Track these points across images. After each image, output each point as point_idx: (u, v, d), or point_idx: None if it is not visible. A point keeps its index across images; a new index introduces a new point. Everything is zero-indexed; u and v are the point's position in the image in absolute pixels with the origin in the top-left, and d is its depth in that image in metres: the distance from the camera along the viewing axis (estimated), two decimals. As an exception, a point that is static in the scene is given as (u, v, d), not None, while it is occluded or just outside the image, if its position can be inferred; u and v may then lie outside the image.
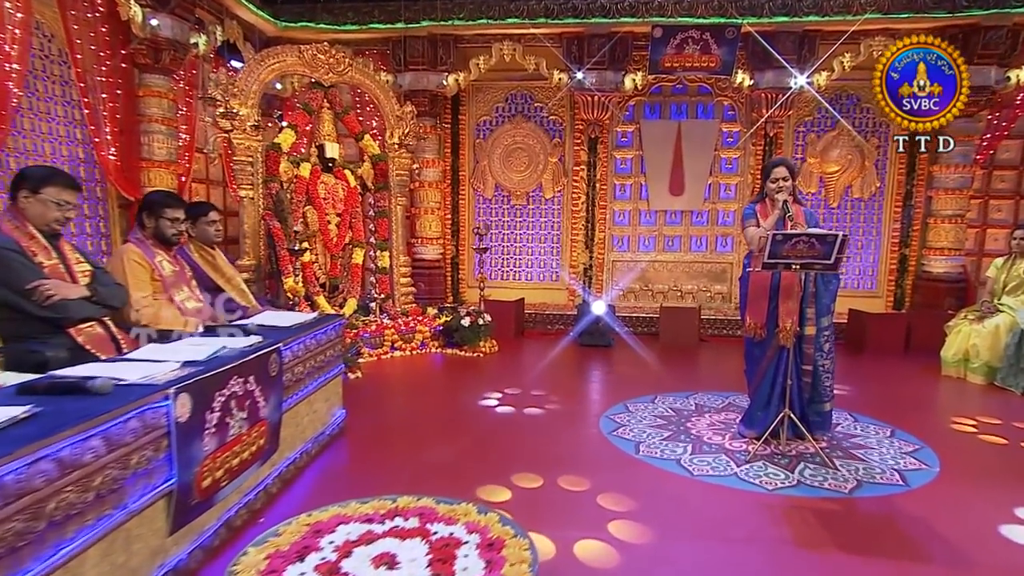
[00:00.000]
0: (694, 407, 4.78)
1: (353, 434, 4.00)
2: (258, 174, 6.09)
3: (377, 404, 4.78)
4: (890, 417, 4.56)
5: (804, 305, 3.95)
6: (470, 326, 6.61)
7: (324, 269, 6.71)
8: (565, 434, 4.12)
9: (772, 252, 3.65)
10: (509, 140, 8.37)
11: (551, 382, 5.46)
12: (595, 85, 7.65)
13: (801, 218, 4.02)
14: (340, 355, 3.97)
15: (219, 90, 5.75)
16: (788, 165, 4.00)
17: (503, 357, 6.55)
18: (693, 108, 8.22)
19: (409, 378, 5.67)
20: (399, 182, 7.28)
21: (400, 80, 7.84)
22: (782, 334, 3.89)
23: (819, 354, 3.99)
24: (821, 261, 3.63)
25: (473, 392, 5.02)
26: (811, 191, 8.22)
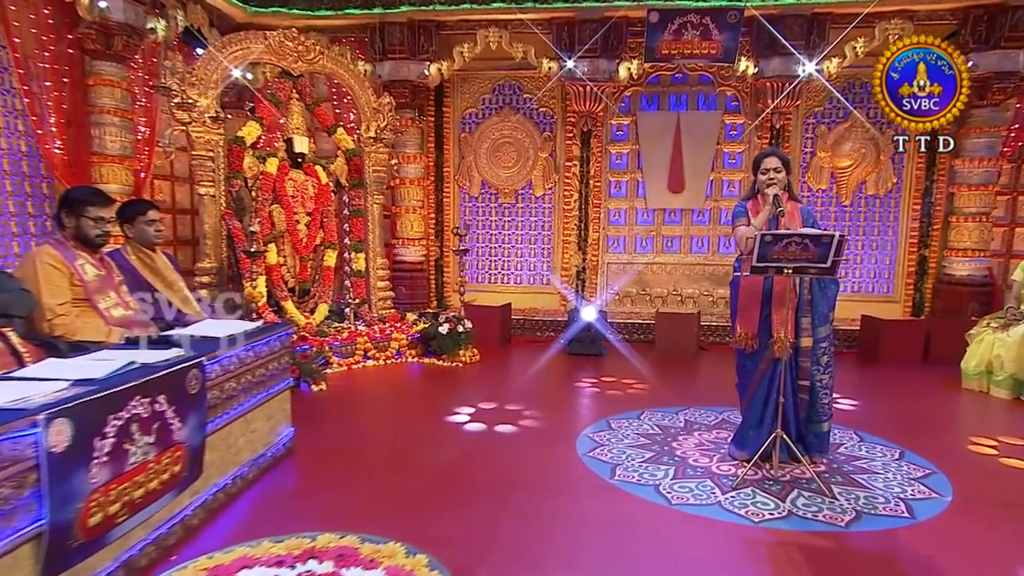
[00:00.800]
0: (683, 424, 4.56)
1: (301, 455, 3.80)
2: (219, 170, 5.92)
3: (335, 420, 4.58)
4: (900, 437, 4.32)
5: (799, 314, 3.73)
6: (448, 334, 6.40)
7: (293, 272, 6.52)
8: (535, 455, 3.90)
9: (761, 254, 3.42)
10: (496, 134, 8.17)
11: (531, 395, 5.25)
12: (587, 74, 7.43)
13: (796, 216, 3.79)
14: (287, 368, 3.77)
15: (175, 79, 5.58)
16: (780, 156, 3.78)
17: (484, 367, 6.34)
18: (694, 99, 7.99)
19: (377, 391, 5.47)
20: (376, 179, 7.09)
21: (379, 70, 7.65)
22: (776, 346, 3.66)
23: (816, 368, 3.76)
24: (816, 264, 3.40)
25: (443, 407, 4.82)
26: (822, 187, 7.97)
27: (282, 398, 3.72)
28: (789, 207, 3.81)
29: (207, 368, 2.85)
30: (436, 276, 8.37)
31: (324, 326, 6.50)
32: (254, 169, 6.19)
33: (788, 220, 3.74)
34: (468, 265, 8.43)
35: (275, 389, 3.62)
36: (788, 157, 3.87)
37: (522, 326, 7.87)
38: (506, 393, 5.33)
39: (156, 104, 6.39)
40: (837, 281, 3.81)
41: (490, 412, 4.75)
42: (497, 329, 7.33)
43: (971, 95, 7.13)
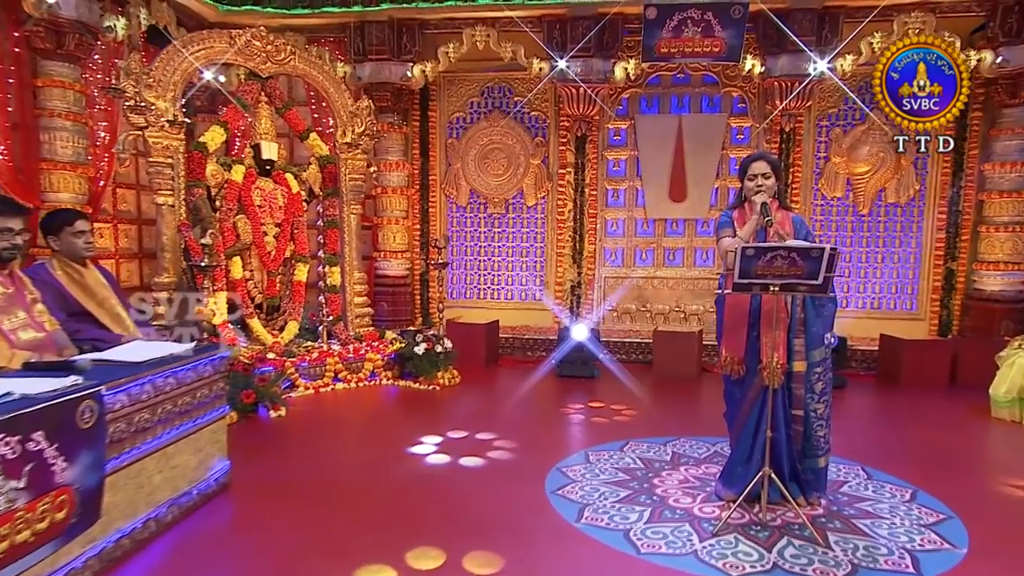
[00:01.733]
0: (670, 457, 4.29)
1: (238, 491, 3.59)
2: (179, 178, 5.77)
3: (286, 450, 4.37)
4: (915, 474, 4.02)
5: (791, 335, 3.48)
6: (426, 354, 6.19)
7: (260, 287, 6.35)
8: (498, 493, 3.65)
9: (743, 270, 3.18)
10: (485, 139, 7.98)
11: (508, 423, 5.01)
12: (580, 75, 7.24)
13: (787, 226, 3.55)
14: (221, 394, 3.57)
15: (130, 80, 5.44)
16: (769, 160, 3.54)
17: (463, 391, 6.12)
18: (697, 100, 7.76)
19: (342, 417, 5.26)
20: (353, 187, 6.92)
21: (359, 72, 7.51)
22: (766, 372, 3.40)
23: (810, 396, 3.50)
24: (807, 281, 3.15)
25: (408, 436, 4.59)
26: (837, 195, 7.69)
27: (215, 428, 3.51)
28: (779, 216, 3.57)
29: (107, 398, 2.65)
30: (421, 291, 8.17)
31: (293, 345, 6.33)
32: (218, 177, 6.04)
33: (778, 231, 3.49)
34: (456, 280, 8.24)
35: (205, 419, 3.41)
36: (778, 161, 3.63)
37: (511, 345, 7.63)
38: (480, 420, 5.11)
39: (118, 107, 6.27)
40: (835, 298, 3.56)
41: (458, 442, 4.52)
42: (482, 348, 7.10)
43: (1002, 93, 6.88)
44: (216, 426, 3.53)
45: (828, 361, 3.57)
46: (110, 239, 6.80)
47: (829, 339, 3.54)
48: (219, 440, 3.56)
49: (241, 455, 4.15)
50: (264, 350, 6.01)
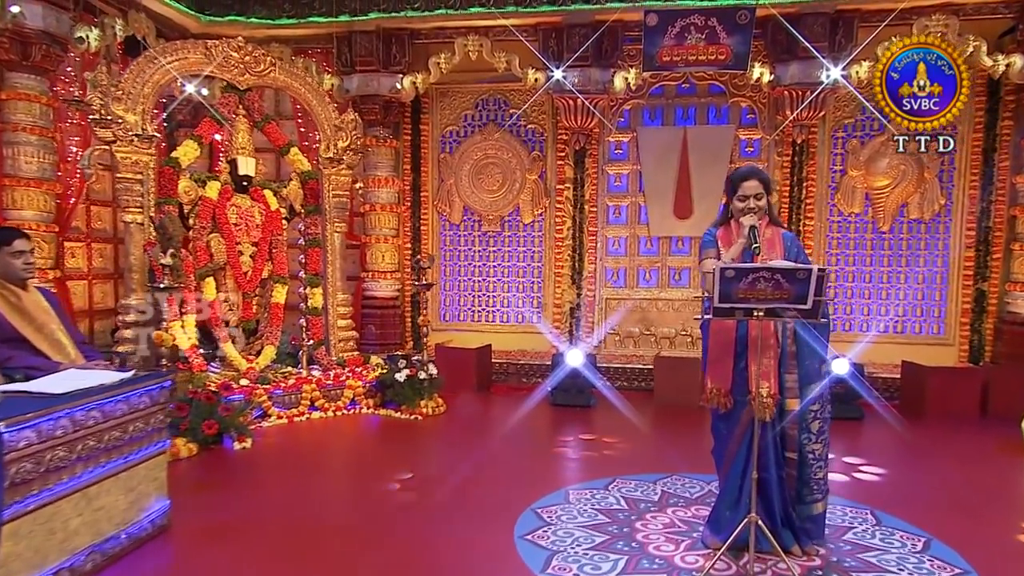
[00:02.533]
0: (658, 496, 4.05)
1: (176, 535, 3.41)
2: (149, 194, 5.69)
3: (241, 488, 4.20)
4: (931, 519, 3.73)
5: (782, 369, 3.25)
6: (408, 381, 6.00)
7: (236, 310, 6.22)
8: (461, 537, 3.44)
9: (723, 293, 2.96)
10: (480, 154, 7.86)
11: (487, 457, 4.82)
12: (578, 86, 7.09)
13: (778, 246, 3.33)
14: (160, 428, 3.41)
15: (97, 92, 5.39)
16: (762, 178, 3.34)
17: (447, 421, 5.92)
18: (703, 111, 7.58)
19: (311, 449, 5.09)
20: (336, 204, 6.81)
21: (347, 84, 7.44)
22: (756, 405, 3.18)
23: (806, 436, 3.26)
24: (794, 305, 2.93)
25: (377, 471, 4.41)
26: (855, 211, 7.43)
27: (152, 465, 3.34)
28: (769, 233, 3.36)
29: (8, 436, 2.49)
30: (412, 313, 8.00)
31: (270, 371, 6.18)
32: (191, 194, 5.95)
33: (767, 253, 3.28)
34: (448, 301, 8.09)
35: (139, 455, 3.25)
36: (769, 178, 3.43)
37: (505, 371, 7.42)
38: (458, 454, 4.93)
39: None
40: (829, 326, 3.33)
41: (430, 479, 4.33)
42: (473, 375, 6.90)
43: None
44: (154, 462, 3.36)
45: (827, 397, 3.32)
46: (83, 259, 6.74)
47: (825, 369, 3.30)
48: (157, 477, 3.39)
49: (192, 492, 4.03)
50: (236, 376, 5.87)
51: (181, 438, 4.66)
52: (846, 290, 7.50)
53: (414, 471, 4.44)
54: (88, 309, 6.80)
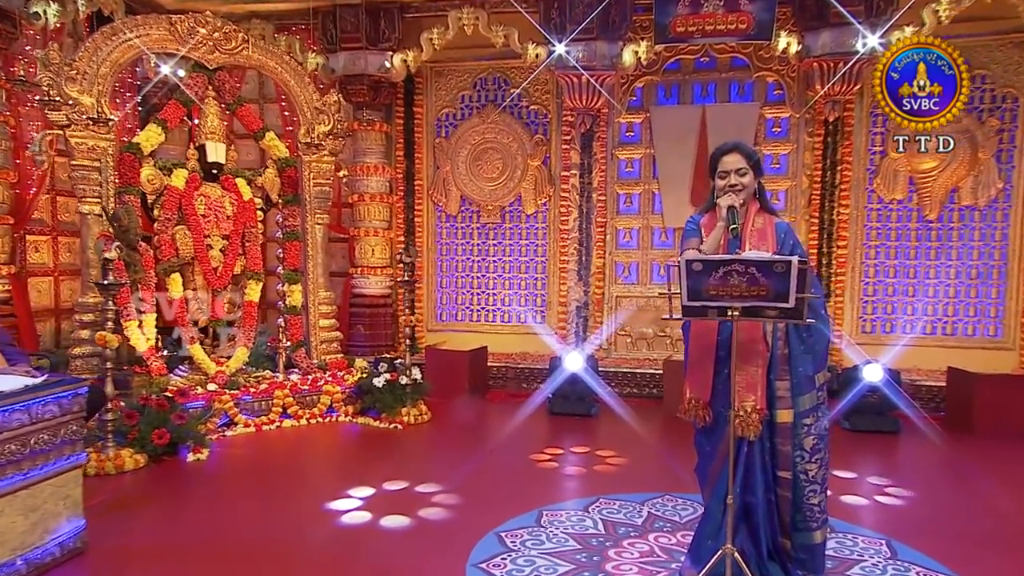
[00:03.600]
0: (642, 519, 3.78)
1: (91, 559, 3.26)
2: (108, 183, 5.59)
3: (180, 505, 4.05)
4: (959, 555, 3.39)
5: (772, 375, 2.95)
6: (387, 387, 5.81)
7: (204, 308, 6.10)
8: (409, 564, 3.23)
9: (691, 288, 2.70)
10: (478, 138, 7.64)
11: (462, 471, 4.61)
12: (583, 62, 6.81)
13: (768, 236, 3.02)
14: (74, 440, 3.25)
15: (49, 71, 5.29)
16: (744, 151, 3.04)
17: (428, 431, 5.73)
18: (724, 88, 7.24)
19: (271, 461, 4.93)
20: (318, 194, 6.66)
21: (332, 63, 7.28)
22: (739, 421, 2.90)
23: (799, 454, 2.96)
24: (775, 304, 2.64)
25: (336, 487, 4.23)
26: (897, 198, 7.01)
27: (62, 481, 3.19)
28: (760, 223, 3.06)
29: None
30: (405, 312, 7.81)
31: (242, 375, 6.06)
32: (155, 182, 5.85)
33: (757, 244, 2.99)
34: (445, 300, 7.92)
35: (44, 470, 3.09)
36: (757, 153, 3.13)
37: (504, 375, 7.19)
38: (430, 468, 4.74)
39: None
40: (827, 326, 3.03)
41: (392, 496, 4.14)
42: (465, 379, 6.69)
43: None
44: (65, 478, 3.21)
45: (822, 409, 3.02)
46: (48, 254, 6.70)
47: (822, 378, 3.00)
48: (69, 495, 3.24)
49: (124, 510, 3.92)
50: (204, 380, 5.76)
51: (128, 448, 4.53)
52: (886, 287, 7.09)
53: (376, 487, 4.25)
54: (54, 308, 6.76)
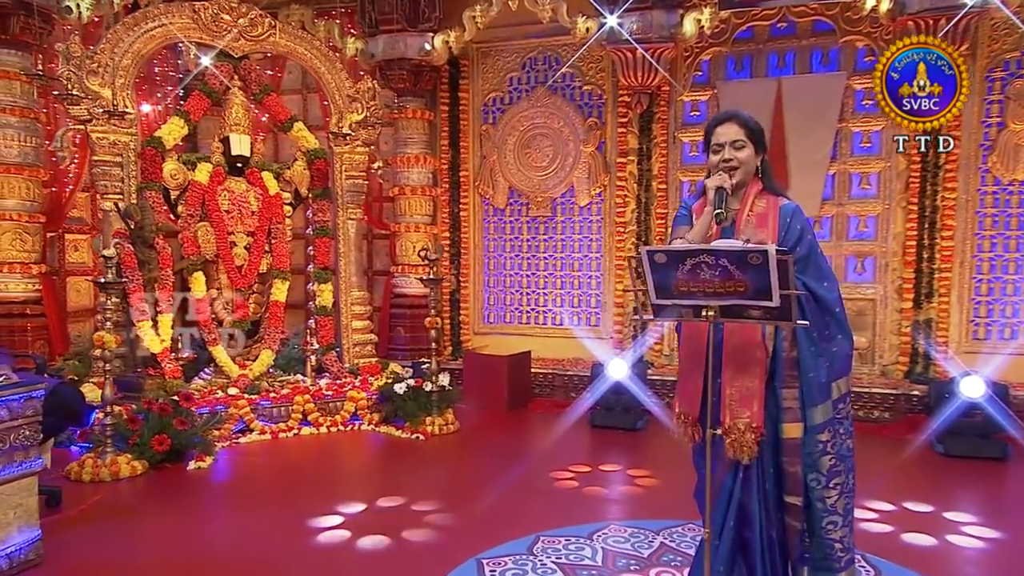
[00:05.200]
0: (651, 550, 3.51)
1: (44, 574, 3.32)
2: (129, 179, 5.80)
3: (160, 517, 4.11)
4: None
5: (777, 382, 2.64)
6: (409, 394, 5.73)
7: (229, 309, 6.23)
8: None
9: (658, 283, 2.44)
10: (526, 124, 7.47)
11: (467, 489, 4.53)
12: (637, 34, 6.52)
13: (770, 221, 2.69)
14: (27, 445, 3.31)
15: (71, 65, 5.53)
16: (743, 121, 2.71)
17: (453, 443, 5.63)
18: (804, 57, 6.75)
19: (274, 472, 4.96)
20: (351, 187, 6.69)
21: (372, 47, 7.30)
22: (731, 441, 2.61)
23: (815, 478, 2.63)
24: (758, 302, 2.34)
25: (327, 502, 4.17)
26: (1018, 178, 6.31)
27: (14, 489, 3.23)
28: (763, 205, 2.73)
29: None
30: (451, 313, 7.75)
31: (267, 379, 6.14)
32: (179, 177, 6.01)
33: (755, 231, 2.68)
34: (493, 300, 7.79)
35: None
36: (758, 124, 2.80)
37: (550, 383, 6.98)
38: (436, 483, 4.65)
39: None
40: (844, 326, 2.70)
41: (381, 514, 4.05)
42: (504, 387, 6.52)
43: None
44: (15, 486, 3.26)
45: (844, 424, 2.69)
46: (87, 253, 7.03)
47: (841, 385, 2.67)
48: (21, 504, 3.29)
49: (98, 520, 3.97)
50: (226, 384, 5.88)
51: (126, 455, 4.64)
52: (1004, 284, 6.39)
53: (369, 503, 4.17)
54: (94, 308, 7.09)
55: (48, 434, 4.05)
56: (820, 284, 2.64)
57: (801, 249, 2.64)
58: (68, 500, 4.11)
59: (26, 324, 5.99)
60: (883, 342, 6.68)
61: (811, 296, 2.62)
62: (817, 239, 2.80)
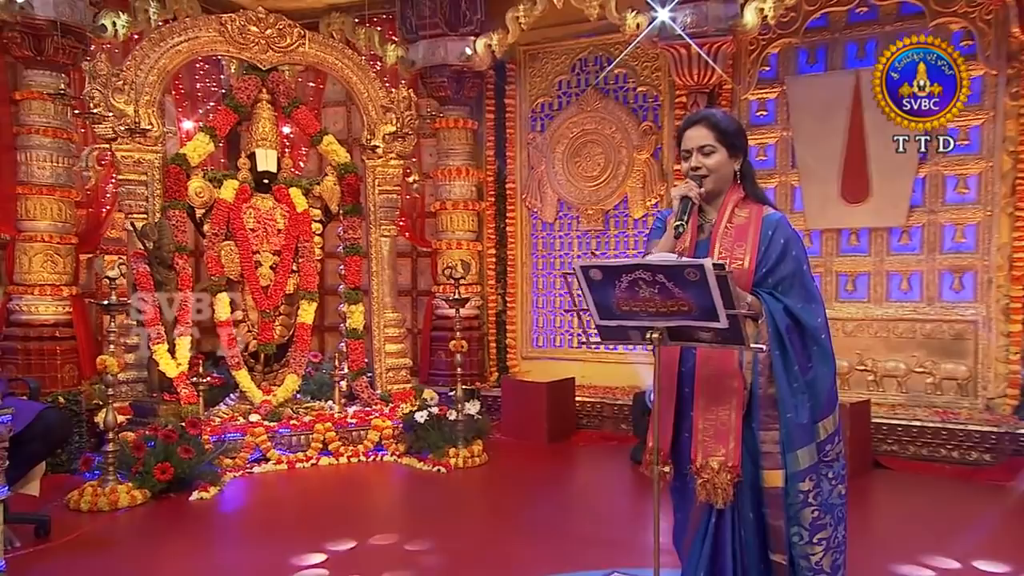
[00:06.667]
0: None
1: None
2: (154, 198, 6.06)
3: (135, 553, 4.22)
4: None
5: (753, 421, 2.49)
6: (430, 423, 5.72)
7: (254, 331, 6.40)
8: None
9: (599, 303, 2.33)
10: (576, 130, 7.38)
11: (471, 528, 4.55)
12: (691, 28, 6.35)
13: (750, 239, 2.54)
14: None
15: (97, 83, 5.84)
16: (714, 123, 2.59)
17: (477, 476, 5.61)
18: (888, 44, 6.38)
19: (273, 505, 5.08)
20: (384, 202, 6.77)
21: (412, 54, 7.42)
22: (702, 482, 2.48)
23: (796, 532, 2.47)
24: (703, 323, 2.20)
25: (316, 537, 4.21)
26: None
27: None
28: (744, 216, 2.61)
29: None
30: (497, 336, 7.71)
31: (291, 405, 6.27)
32: (204, 195, 6.24)
33: (732, 246, 2.55)
34: (542, 322, 7.70)
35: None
36: (732, 124, 2.67)
37: (598, 413, 6.82)
38: (440, 521, 4.62)
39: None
40: (828, 355, 2.53)
41: (369, 551, 4.10)
42: (544, 417, 6.41)
43: None
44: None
45: (833, 469, 2.51)
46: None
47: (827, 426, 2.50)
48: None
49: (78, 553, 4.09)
50: (248, 410, 6.03)
51: (127, 484, 4.81)
52: None
53: (360, 541, 4.19)
54: (122, 330, 7.44)
55: (34, 461, 4.27)
56: (807, 307, 2.49)
57: (785, 267, 2.51)
58: (60, 530, 4.27)
59: (55, 347, 6.30)
60: (987, 371, 6.18)
61: (794, 323, 2.48)
62: (807, 254, 2.66)
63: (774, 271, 2.48)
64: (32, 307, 6.29)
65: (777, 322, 2.42)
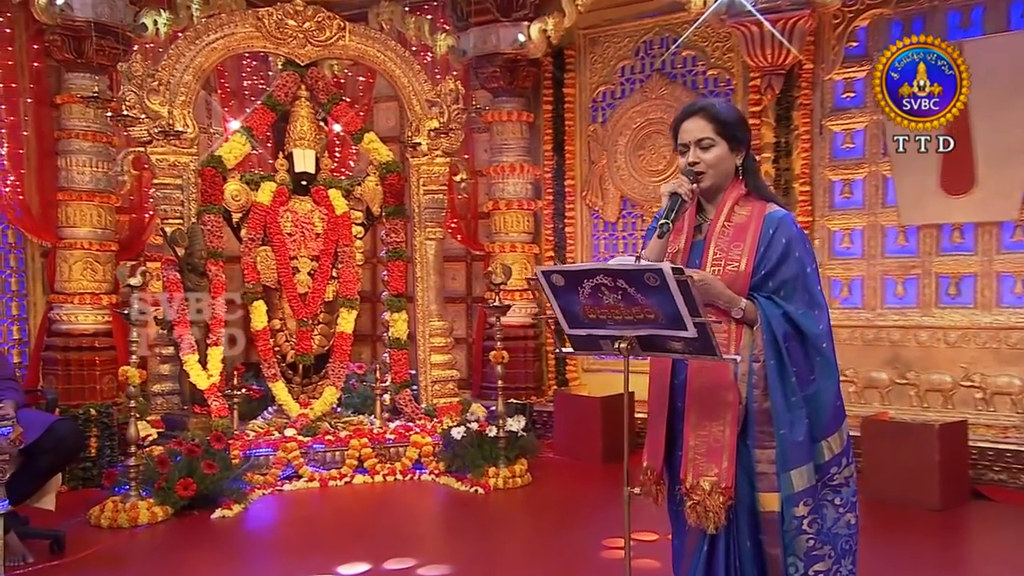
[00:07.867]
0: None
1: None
2: (190, 202, 6.27)
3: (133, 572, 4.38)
4: None
5: (748, 439, 2.42)
6: (468, 439, 5.71)
7: (292, 341, 6.54)
8: None
9: (565, 310, 2.28)
10: (640, 120, 7.25)
11: (499, 554, 4.61)
12: (763, 2, 6.16)
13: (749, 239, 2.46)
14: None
15: (132, 85, 6.09)
16: (712, 114, 2.51)
17: (517, 498, 5.59)
18: (999, 10, 6.06)
19: (294, 525, 5.17)
20: (429, 203, 6.80)
21: (463, 43, 7.45)
22: (691, 504, 2.43)
23: (792, 563, 2.40)
24: (670, 331, 2.12)
25: (329, 561, 4.28)
26: None
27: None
28: (745, 214, 2.53)
29: None
30: (556, 348, 7.64)
31: (330, 419, 6.37)
32: (241, 199, 6.42)
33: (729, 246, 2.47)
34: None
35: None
36: (734, 115, 2.58)
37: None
38: (465, 545, 4.69)
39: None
40: (831, 365, 2.44)
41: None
42: (598, 435, 6.31)
43: None
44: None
45: (840, 493, 2.44)
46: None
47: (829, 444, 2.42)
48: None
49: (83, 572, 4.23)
50: (284, 424, 6.17)
51: (148, 500, 4.98)
52: None
53: (375, 564, 4.24)
54: (157, 341, 7.72)
55: (47, 474, 4.48)
56: (808, 313, 2.39)
57: (787, 269, 2.42)
58: (76, 546, 4.44)
59: (95, 358, 6.59)
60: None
61: (795, 330, 2.38)
62: (814, 255, 2.56)
63: (774, 273, 2.39)
64: (72, 316, 6.56)
65: (774, 329, 2.34)
